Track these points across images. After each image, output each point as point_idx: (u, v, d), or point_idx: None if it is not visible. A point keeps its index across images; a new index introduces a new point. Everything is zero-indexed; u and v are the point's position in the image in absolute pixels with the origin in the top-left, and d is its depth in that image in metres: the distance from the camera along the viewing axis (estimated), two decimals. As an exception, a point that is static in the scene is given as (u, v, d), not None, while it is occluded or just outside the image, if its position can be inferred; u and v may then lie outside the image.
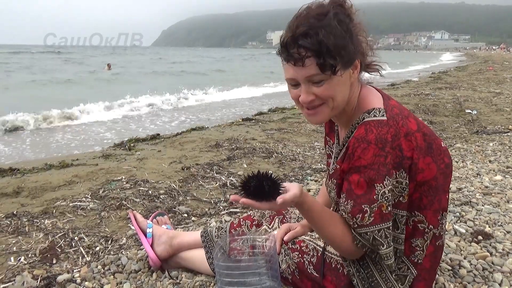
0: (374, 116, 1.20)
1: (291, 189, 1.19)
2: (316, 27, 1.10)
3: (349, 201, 1.20)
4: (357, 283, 1.32)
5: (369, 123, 1.19)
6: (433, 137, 1.25)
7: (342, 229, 1.23)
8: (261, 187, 1.16)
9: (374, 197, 1.15)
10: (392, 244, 1.21)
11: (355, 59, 1.19)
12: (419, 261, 1.30)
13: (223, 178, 3.16)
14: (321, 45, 1.09)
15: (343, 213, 1.23)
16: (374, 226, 1.17)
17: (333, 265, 1.38)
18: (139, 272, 1.81)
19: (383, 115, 1.19)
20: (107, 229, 2.29)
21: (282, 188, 1.19)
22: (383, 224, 1.17)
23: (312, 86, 1.16)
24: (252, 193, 1.18)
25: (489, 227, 2.16)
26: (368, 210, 1.16)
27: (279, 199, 1.15)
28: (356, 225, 1.19)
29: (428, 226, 1.27)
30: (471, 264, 1.79)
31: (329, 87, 1.16)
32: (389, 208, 1.17)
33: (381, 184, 1.14)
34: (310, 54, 1.11)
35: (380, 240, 1.18)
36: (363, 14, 1.22)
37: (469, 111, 6.22)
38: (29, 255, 1.97)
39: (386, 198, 1.15)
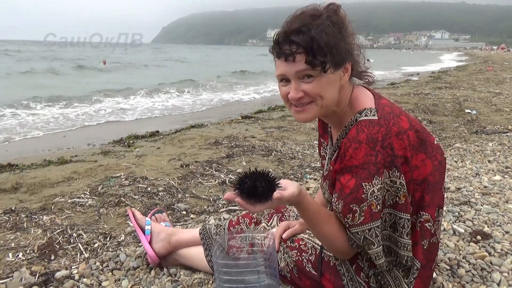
0: (366, 116, 1.20)
1: (289, 187, 1.18)
2: (309, 25, 1.11)
3: (340, 200, 1.20)
4: (347, 283, 1.33)
5: (361, 123, 1.19)
6: (425, 134, 1.25)
7: (338, 228, 1.23)
8: (255, 188, 1.15)
9: (363, 196, 1.15)
10: (381, 242, 1.20)
11: (347, 61, 1.19)
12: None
13: (222, 176, 3.16)
14: (313, 42, 1.10)
15: (336, 213, 1.23)
16: (364, 225, 1.17)
17: (331, 264, 1.38)
18: (138, 269, 1.81)
19: (374, 115, 1.19)
20: (105, 226, 2.29)
21: (279, 188, 1.18)
22: (373, 223, 1.17)
23: (302, 83, 1.16)
24: (246, 193, 1.16)
25: (488, 227, 2.16)
26: (358, 209, 1.16)
27: (276, 194, 1.14)
28: (348, 225, 1.20)
29: (433, 224, 1.27)
30: (469, 263, 1.79)
31: (318, 85, 1.16)
32: (379, 207, 1.16)
33: (369, 183, 1.14)
34: (301, 51, 1.12)
35: (371, 239, 1.18)
36: (356, 26, 1.24)
37: (469, 111, 6.22)
38: (28, 251, 1.97)
39: (375, 197, 1.15)
